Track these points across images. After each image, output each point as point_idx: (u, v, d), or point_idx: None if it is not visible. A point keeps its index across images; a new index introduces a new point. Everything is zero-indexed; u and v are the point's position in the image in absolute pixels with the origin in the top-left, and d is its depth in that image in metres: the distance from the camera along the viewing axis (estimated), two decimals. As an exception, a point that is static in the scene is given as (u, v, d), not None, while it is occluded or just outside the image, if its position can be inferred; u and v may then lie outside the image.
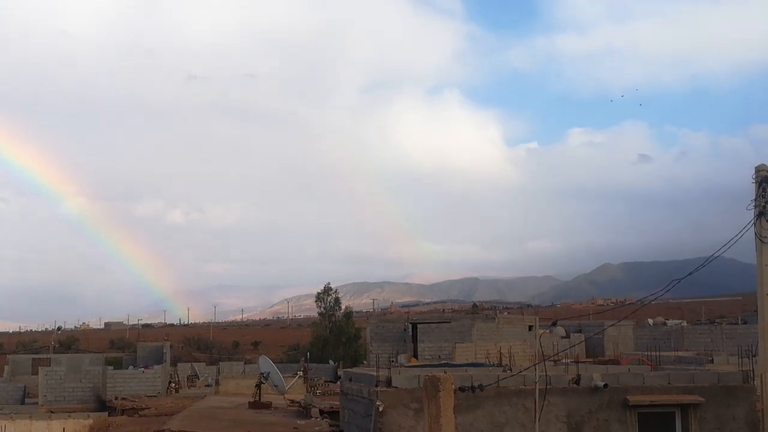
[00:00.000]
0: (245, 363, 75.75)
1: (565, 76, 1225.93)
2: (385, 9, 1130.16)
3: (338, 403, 36.05)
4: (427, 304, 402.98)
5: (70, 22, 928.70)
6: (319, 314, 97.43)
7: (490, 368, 34.79)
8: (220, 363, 78.20)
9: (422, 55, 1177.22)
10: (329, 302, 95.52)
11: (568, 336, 71.31)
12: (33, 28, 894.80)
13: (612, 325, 68.90)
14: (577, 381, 27.94)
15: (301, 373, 57.30)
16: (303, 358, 68.79)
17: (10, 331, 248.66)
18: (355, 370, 37.53)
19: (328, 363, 74.49)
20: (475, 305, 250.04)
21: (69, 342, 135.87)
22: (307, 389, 53.68)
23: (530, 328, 61.40)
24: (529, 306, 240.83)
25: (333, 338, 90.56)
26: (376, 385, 27.57)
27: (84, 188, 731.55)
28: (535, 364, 27.12)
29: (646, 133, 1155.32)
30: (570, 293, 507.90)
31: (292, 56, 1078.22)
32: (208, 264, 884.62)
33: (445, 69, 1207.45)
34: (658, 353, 45.26)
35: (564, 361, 35.41)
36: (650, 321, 77.85)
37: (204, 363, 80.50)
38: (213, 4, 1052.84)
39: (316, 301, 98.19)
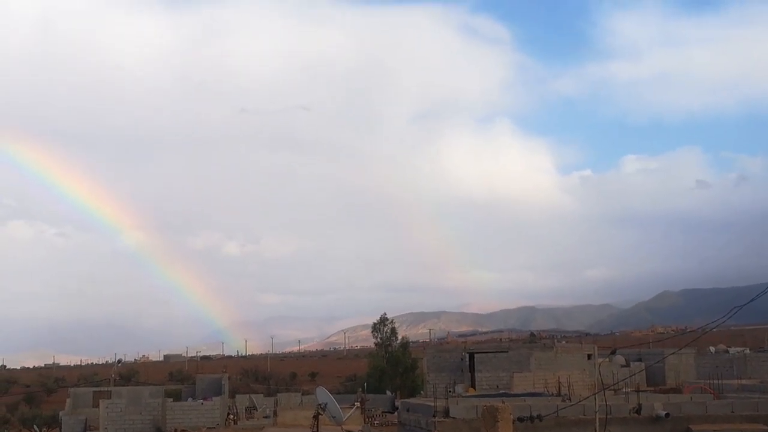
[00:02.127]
0: (303, 394, 75.78)
1: (617, 103, 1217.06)
2: (434, 39, 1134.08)
3: (396, 433, 35.97)
4: (484, 333, 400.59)
5: (124, 57, 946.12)
6: (376, 344, 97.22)
7: (549, 398, 34.48)
8: (278, 394, 78.30)
9: (472, 85, 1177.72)
10: (386, 332, 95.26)
11: (628, 365, 70.40)
12: (88, 63, 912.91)
13: (673, 353, 67.89)
14: (638, 410, 27.60)
15: (358, 404, 57.20)
16: (360, 389, 68.71)
17: (72, 365, 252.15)
18: (412, 400, 37.45)
19: (386, 393, 74.29)
20: (532, 334, 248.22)
21: (129, 374, 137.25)
22: (364, 420, 53.62)
23: (589, 357, 60.66)
24: (587, 334, 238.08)
25: (390, 369, 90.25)
26: (434, 416, 27.49)
27: (141, 221, 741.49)
28: (594, 394, 26.84)
29: (701, 158, 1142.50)
30: (629, 321, 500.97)
31: (343, 87, 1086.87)
32: (264, 295, 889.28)
33: (495, 98, 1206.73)
34: (720, 381, 44.51)
35: (624, 390, 34.99)
36: (712, 349, 76.51)
37: (262, 394, 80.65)
38: (264, 37, 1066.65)
39: (372, 332, 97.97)
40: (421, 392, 67.97)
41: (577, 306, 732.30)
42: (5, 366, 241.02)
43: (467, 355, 60.28)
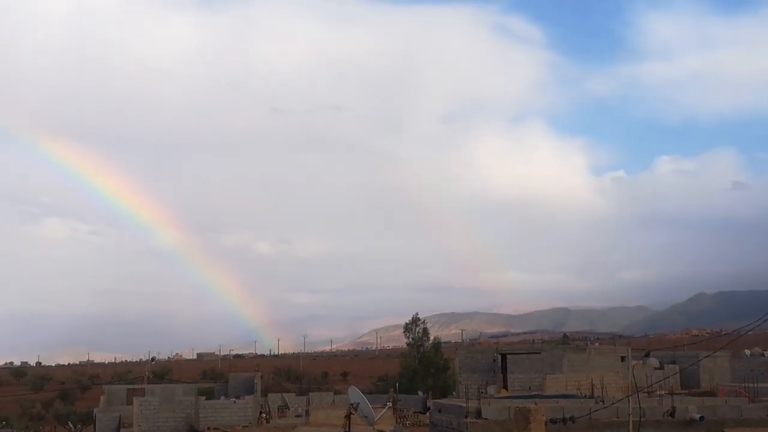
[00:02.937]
0: (335, 393, 75.97)
1: (650, 103, 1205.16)
2: (466, 39, 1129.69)
3: (428, 434, 35.94)
4: (516, 334, 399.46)
5: (156, 58, 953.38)
6: (408, 345, 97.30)
7: (582, 400, 34.32)
8: (310, 393, 78.57)
9: (503, 85, 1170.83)
10: (417, 333, 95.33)
11: (662, 367, 69.88)
12: (121, 64, 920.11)
13: (708, 356, 67.31)
14: (672, 413, 27.38)
15: (390, 404, 57.23)
16: (392, 389, 68.73)
17: (106, 362, 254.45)
18: (444, 401, 37.42)
19: (417, 394, 74.28)
20: (565, 336, 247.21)
21: (162, 372, 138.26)
22: (396, 420, 53.62)
23: (623, 359, 60.26)
24: (621, 336, 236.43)
25: (422, 369, 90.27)
26: (466, 416, 27.45)
27: (174, 220, 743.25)
28: (628, 396, 26.67)
29: (737, 160, 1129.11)
30: (663, 323, 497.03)
31: (374, 87, 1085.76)
32: (296, 295, 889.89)
33: (527, 98, 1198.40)
34: (756, 385, 44.09)
35: (658, 392, 34.77)
36: (747, 352, 75.75)
37: (294, 393, 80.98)
38: (295, 37, 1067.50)
39: (404, 332, 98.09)
40: (453, 393, 67.88)
41: (610, 308, 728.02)
42: (40, 363, 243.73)
43: (499, 356, 60.10)
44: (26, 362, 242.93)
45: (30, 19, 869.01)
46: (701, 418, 26.71)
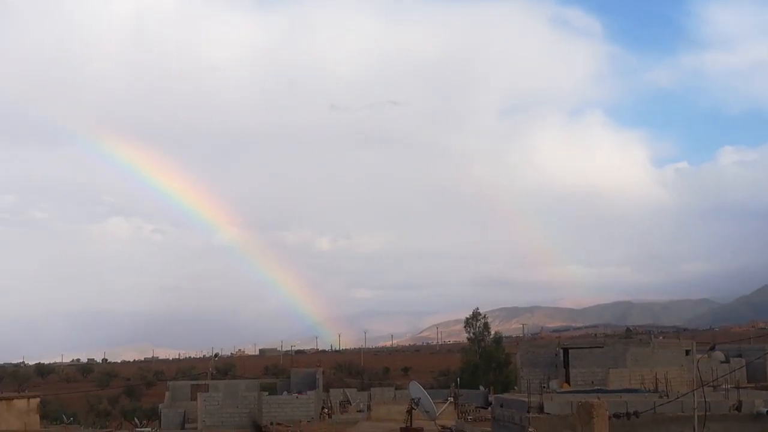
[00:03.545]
0: (396, 389, 76.11)
1: (712, 93, 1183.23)
2: (523, 32, 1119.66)
3: (490, 429, 35.85)
4: (578, 328, 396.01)
5: (215, 57, 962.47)
6: (469, 339, 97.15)
7: (646, 394, 33.96)
8: (371, 389, 78.82)
9: (562, 77, 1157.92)
10: (478, 327, 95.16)
11: (727, 361, 68.80)
12: (181, 64, 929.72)
13: (775, 349, 66.16)
14: (739, 407, 26.99)
15: (451, 399, 57.20)
16: (453, 384, 68.68)
17: (170, 358, 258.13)
18: (506, 395, 37.29)
19: (479, 389, 74.13)
20: (628, 329, 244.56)
21: (226, 368, 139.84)
22: (458, 415, 53.61)
23: (687, 352, 59.46)
24: (685, 330, 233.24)
25: (483, 364, 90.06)
26: (528, 411, 27.34)
27: (235, 218, 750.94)
28: (693, 390, 26.34)
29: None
30: (728, 316, 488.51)
31: (432, 82, 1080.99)
32: (357, 290, 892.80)
33: (586, 90, 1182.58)
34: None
35: (724, 386, 34.23)
36: (816, 344, 74.29)
37: (355, 389, 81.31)
38: (352, 33, 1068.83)
39: (464, 327, 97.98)
40: (515, 388, 67.62)
41: (674, 301, 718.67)
42: (106, 359, 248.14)
43: (561, 351, 59.70)
44: (92, 359, 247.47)
45: (92, 20, 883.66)
46: (769, 412, 26.27)
